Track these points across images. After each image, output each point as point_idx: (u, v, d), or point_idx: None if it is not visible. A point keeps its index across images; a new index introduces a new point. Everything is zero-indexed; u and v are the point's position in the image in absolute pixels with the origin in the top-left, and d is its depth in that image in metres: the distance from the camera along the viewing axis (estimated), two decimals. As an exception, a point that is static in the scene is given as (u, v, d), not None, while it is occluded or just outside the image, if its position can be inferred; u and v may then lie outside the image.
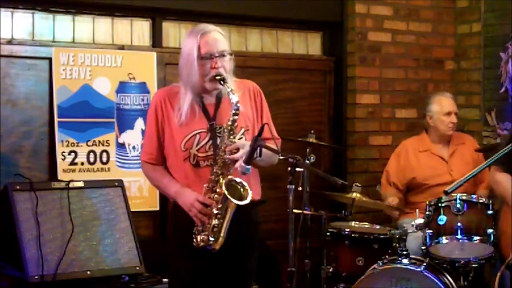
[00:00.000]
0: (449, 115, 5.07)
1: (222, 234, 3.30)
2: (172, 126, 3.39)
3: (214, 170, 3.32)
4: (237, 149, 3.30)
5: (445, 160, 5.10)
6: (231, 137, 3.32)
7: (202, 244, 3.32)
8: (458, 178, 4.62)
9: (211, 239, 3.30)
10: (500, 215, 4.10)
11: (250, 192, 3.29)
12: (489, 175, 4.35)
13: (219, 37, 3.38)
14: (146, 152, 3.49)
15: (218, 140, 3.36)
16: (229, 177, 3.31)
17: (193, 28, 3.46)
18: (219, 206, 3.29)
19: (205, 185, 3.33)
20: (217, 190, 3.30)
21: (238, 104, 3.30)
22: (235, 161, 3.29)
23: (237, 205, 3.27)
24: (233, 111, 3.31)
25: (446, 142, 5.16)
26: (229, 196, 3.24)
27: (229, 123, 3.32)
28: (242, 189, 3.31)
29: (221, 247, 3.32)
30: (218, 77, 3.33)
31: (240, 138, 3.37)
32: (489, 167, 4.14)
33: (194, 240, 3.33)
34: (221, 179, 3.30)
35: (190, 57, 3.34)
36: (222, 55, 3.36)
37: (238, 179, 3.31)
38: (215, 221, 3.29)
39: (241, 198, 3.28)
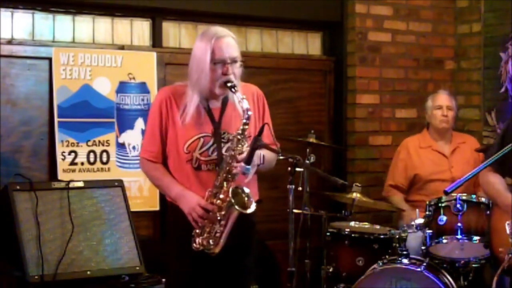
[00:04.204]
0: (440, 108, 5.09)
1: (222, 240, 3.30)
2: (177, 126, 3.38)
3: (219, 176, 3.31)
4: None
5: (446, 157, 5.11)
6: (240, 145, 3.31)
7: (201, 248, 3.32)
8: (459, 175, 4.64)
9: (211, 243, 3.30)
10: (491, 213, 4.06)
11: (254, 202, 3.29)
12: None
13: (232, 43, 3.36)
14: (147, 150, 3.46)
15: (222, 145, 3.36)
16: (236, 185, 3.30)
17: (206, 31, 3.43)
18: (223, 212, 3.29)
19: (208, 190, 3.32)
20: (221, 196, 3.30)
21: (250, 113, 3.29)
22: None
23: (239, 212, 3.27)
24: (244, 120, 3.30)
25: (448, 140, 5.18)
26: (234, 203, 3.23)
27: (239, 131, 3.31)
28: (246, 198, 3.30)
29: (214, 255, 3.32)
30: (229, 84, 3.31)
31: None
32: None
33: (193, 243, 3.33)
34: (225, 185, 3.30)
35: (202, 61, 3.32)
36: (234, 61, 3.35)
37: (245, 189, 3.31)
38: (217, 227, 3.29)
39: (244, 207, 3.28)
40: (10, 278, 4.01)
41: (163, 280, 4.14)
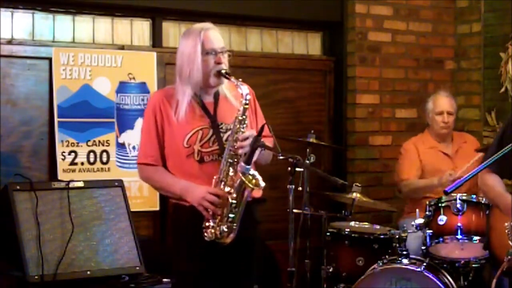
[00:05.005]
0: (441, 114, 5.08)
1: (236, 225, 3.30)
2: (173, 124, 3.39)
3: (225, 161, 3.33)
4: (247, 138, 3.31)
5: (450, 157, 5.10)
6: (242, 126, 3.34)
7: (214, 237, 3.31)
8: (462, 176, 4.61)
9: (225, 229, 3.29)
10: (490, 213, 4.04)
11: (261, 181, 3.30)
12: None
13: (218, 35, 3.45)
14: (146, 155, 3.46)
15: (222, 135, 3.39)
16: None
17: (189, 29, 3.50)
18: (234, 195, 3.29)
19: (215, 177, 3.34)
20: (228, 181, 3.31)
21: (249, 97, 3.35)
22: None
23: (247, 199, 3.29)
24: (244, 101, 3.35)
25: (449, 140, 5.18)
26: (246, 181, 3.25)
27: (240, 112, 3.35)
28: (254, 179, 3.31)
29: (225, 244, 3.32)
30: (223, 71, 3.37)
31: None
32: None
33: (205, 234, 3.32)
34: (231, 170, 3.31)
35: (193, 54, 3.36)
36: (223, 51, 3.41)
37: (251, 170, 3.31)
38: (230, 211, 3.29)
39: (255, 184, 3.30)
40: (10, 278, 4.01)
41: (164, 280, 4.14)
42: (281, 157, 3.42)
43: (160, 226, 4.98)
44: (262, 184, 3.30)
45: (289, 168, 3.38)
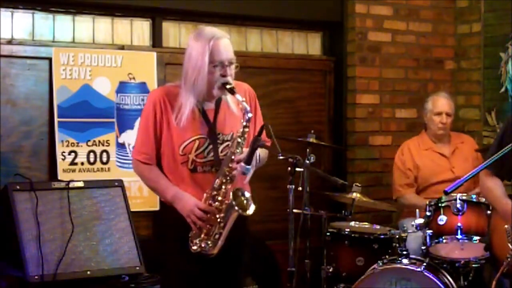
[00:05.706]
0: (439, 115, 5.11)
1: (220, 242, 3.31)
2: (171, 127, 3.37)
3: (218, 178, 3.32)
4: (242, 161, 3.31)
5: (446, 158, 5.12)
6: (239, 148, 3.32)
7: (199, 249, 3.32)
8: (460, 175, 4.63)
9: (210, 244, 3.31)
10: (492, 214, 4.05)
11: (252, 205, 3.31)
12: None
13: (229, 45, 3.37)
14: (141, 152, 3.44)
15: (218, 147, 3.37)
16: (236, 187, 3.31)
17: (201, 31, 3.41)
18: (222, 214, 3.30)
19: (206, 192, 3.33)
20: (219, 198, 3.31)
21: (250, 115, 3.31)
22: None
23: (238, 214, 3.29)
24: (244, 123, 3.32)
25: (446, 141, 5.20)
26: (235, 204, 3.25)
27: (239, 134, 3.33)
28: (245, 201, 3.32)
29: (212, 256, 3.33)
30: (228, 86, 3.32)
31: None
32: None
33: (191, 245, 3.33)
34: (224, 187, 3.31)
35: (199, 62, 3.31)
36: (231, 63, 3.35)
37: (246, 192, 3.32)
38: (216, 229, 3.30)
39: (244, 209, 3.30)
40: (10, 278, 4.01)
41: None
42: (281, 157, 3.42)
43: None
44: (251, 212, 3.30)
45: (289, 168, 3.38)
